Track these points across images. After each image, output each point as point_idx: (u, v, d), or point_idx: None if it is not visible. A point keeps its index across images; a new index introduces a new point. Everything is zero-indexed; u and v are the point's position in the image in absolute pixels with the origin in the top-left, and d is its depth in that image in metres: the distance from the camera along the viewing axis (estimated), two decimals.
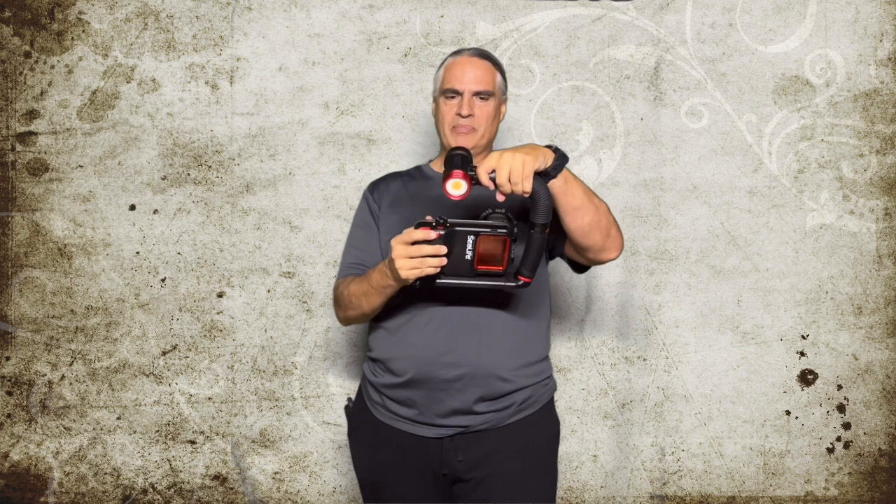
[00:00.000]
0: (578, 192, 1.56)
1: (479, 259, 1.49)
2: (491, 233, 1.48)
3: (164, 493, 2.38)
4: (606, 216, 1.63)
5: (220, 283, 2.37)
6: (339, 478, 2.39)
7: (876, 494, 2.40)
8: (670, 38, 2.36)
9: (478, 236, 1.47)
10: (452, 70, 1.78)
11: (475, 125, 1.76)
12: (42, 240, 2.35)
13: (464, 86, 1.76)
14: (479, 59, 1.79)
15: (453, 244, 1.48)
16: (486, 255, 1.49)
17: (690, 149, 2.37)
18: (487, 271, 1.50)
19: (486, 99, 1.77)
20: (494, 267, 1.50)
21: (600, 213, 1.61)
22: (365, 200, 1.86)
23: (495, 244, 1.48)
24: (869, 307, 2.37)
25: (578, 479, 2.39)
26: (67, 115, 2.34)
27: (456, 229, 1.47)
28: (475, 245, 1.48)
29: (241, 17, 2.35)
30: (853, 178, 2.37)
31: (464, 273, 1.50)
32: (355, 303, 1.71)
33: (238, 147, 2.36)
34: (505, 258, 1.49)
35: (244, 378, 2.37)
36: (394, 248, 1.51)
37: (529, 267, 1.50)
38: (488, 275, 1.51)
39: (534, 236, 1.48)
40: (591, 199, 1.59)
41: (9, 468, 2.37)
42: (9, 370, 2.35)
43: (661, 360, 2.38)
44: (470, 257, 1.48)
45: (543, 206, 1.46)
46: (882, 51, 2.35)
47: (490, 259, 1.49)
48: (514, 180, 1.44)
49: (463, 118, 1.75)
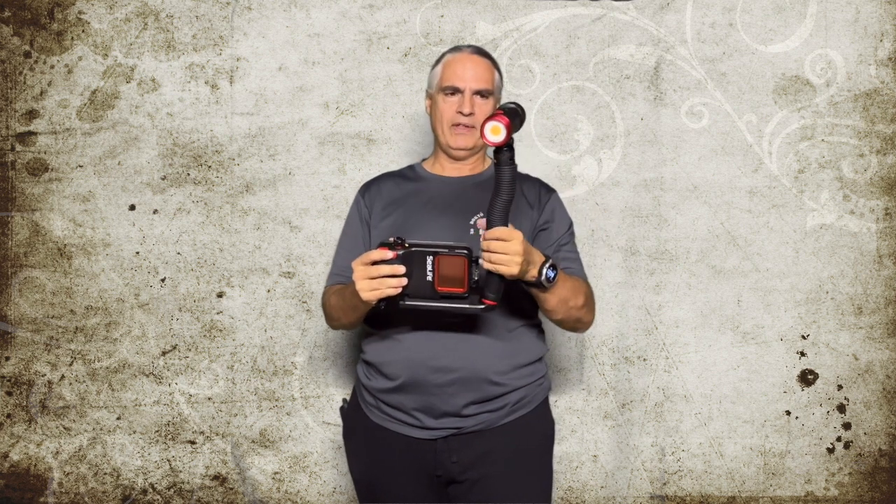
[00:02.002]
0: (553, 301, 1.61)
1: (439, 280, 1.49)
2: (449, 253, 1.48)
3: (164, 494, 2.38)
4: (578, 312, 1.68)
5: (220, 283, 2.37)
6: (339, 478, 2.39)
7: (876, 495, 2.40)
8: (670, 38, 2.36)
9: (435, 256, 1.48)
10: (452, 67, 1.76)
11: (475, 123, 1.75)
12: (42, 240, 2.35)
13: (465, 83, 1.74)
14: (480, 56, 1.78)
15: (413, 265, 1.48)
16: (446, 276, 1.49)
17: (690, 149, 2.37)
18: (450, 293, 1.49)
19: (486, 97, 1.76)
20: (456, 289, 1.49)
21: (571, 313, 1.66)
22: (356, 204, 1.85)
23: (454, 265, 1.48)
24: (869, 307, 2.37)
25: (578, 480, 2.39)
26: (67, 114, 2.34)
27: (413, 250, 1.48)
28: (434, 266, 1.48)
29: (241, 16, 2.35)
30: (853, 178, 2.37)
31: (426, 295, 1.50)
32: (335, 315, 1.76)
33: (238, 147, 2.36)
34: (465, 280, 1.48)
35: (244, 378, 2.37)
36: (354, 270, 1.53)
37: (493, 289, 1.49)
38: (451, 297, 1.50)
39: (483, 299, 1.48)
40: (567, 303, 1.63)
41: (8, 468, 2.37)
42: (8, 370, 2.35)
43: (661, 360, 2.38)
44: (430, 278, 1.49)
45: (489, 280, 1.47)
46: (882, 51, 2.35)
47: (451, 280, 1.49)
48: (497, 261, 1.46)
49: (464, 116, 1.74)
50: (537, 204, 1.78)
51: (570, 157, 2.37)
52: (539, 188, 1.82)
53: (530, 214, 1.75)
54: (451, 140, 1.77)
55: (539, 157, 2.35)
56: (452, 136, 1.76)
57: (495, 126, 1.45)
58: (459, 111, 1.74)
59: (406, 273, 1.49)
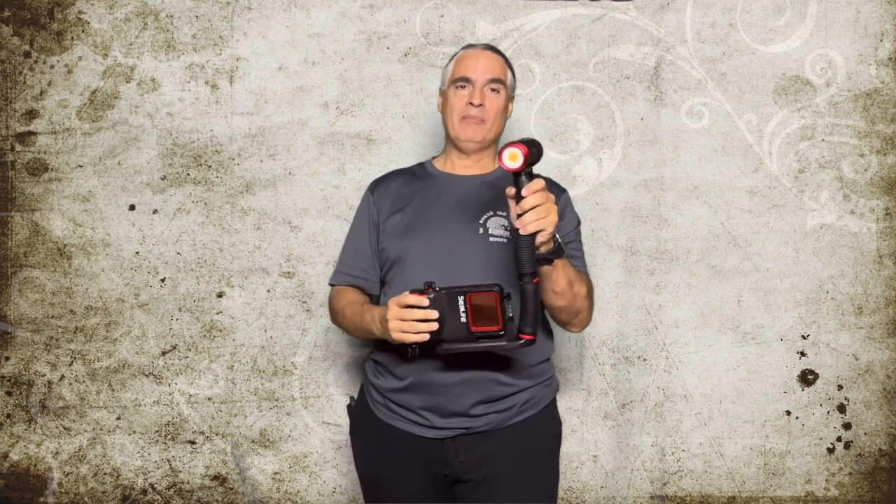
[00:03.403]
0: (562, 281, 1.59)
1: (473, 319, 1.48)
2: (479, 290, 1.47)
3: (164, 494, 2.38)
4: (582, 301, 1.66)
5: (220, 283, 2.37)
6: (339, 478, 2.38)
7: (876, 495, 2.40)
8: (670, 38, 2.35)
9: (467, 295, 1.47)
10: (465, 60, 1.77)
11: (485, 116, 1.74)
12: (42, 240, 2.35)
13: (476, 75, 1.74)
14: (492, 52, 1.80)
15: (446, 308, 1.48)
16: (479, 314, 1.47)
17: (691, 149, 2.36)
18: (485, 332, 1.48)
19: (497, 91, 1.75)
20: (491, 327, 1.47)
21: (576, 301, 1.64)
22: (365, 201, 1.84)
23: (486, 301, 1.47)
24: (869, 307, 2.37)
25: (578, 480, 2.39)
26: (67, 114, 2.34)
27: (445, 292, 1.48)
28: (466, 304, 1.47)
29: (241, 16, 2.35)
30: (854, 178, 2.37)
31: (463, 337, 1.49)
32: (346, 327, 1.77)
33: (238, 147, 2.36)
34: (499, 316, 1.47)
35: (244, 378, 2.37)
36: (389, 309, 1.53)
37: (529, 322, 1.46)
38: (487, 336, 1.48)
39: (524, 288, 1.45)
40: (573, 286, 1.62)
41: (8, 468, 2.37)
42: (8, 370, 2.35)
43: (661, 360, 2.38)
44: (465, 319, 1.48)
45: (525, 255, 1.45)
46: (882, 50, 2.35)
47: (485, 318, 1.47)
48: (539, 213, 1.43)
49: (475, 107, 1.73)
50: None
51: (570, 157, 2.37)
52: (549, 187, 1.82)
53: None
54: (460, 132, 1.76)
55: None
56: (462, 127, 1.75)
57: (513, 153, 1.44)
58: (470, 102, 1.73)
59: (440, 318, 1.48)
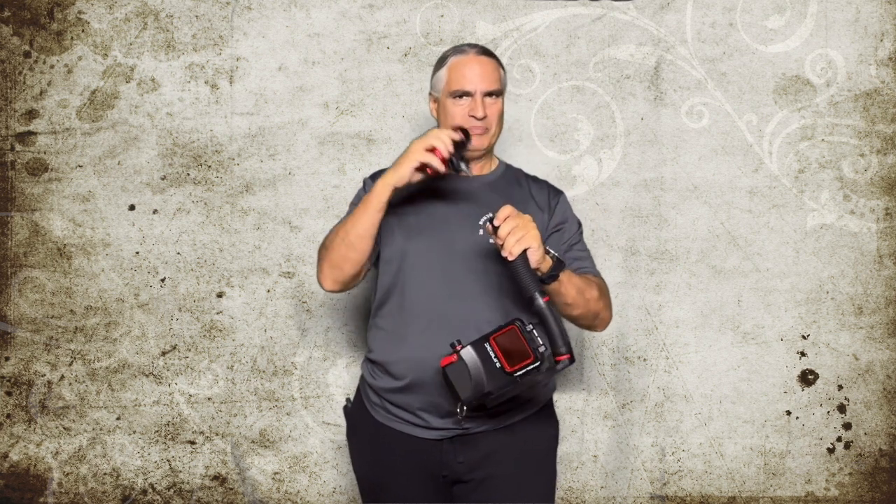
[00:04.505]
0: (571, 293, 1.59)
1: (506, 360, 1.45)
2: (500, 330, 1.46)
3: (164, 494, 2.38)
4: (596, 304, 1.66)
5: (220, 283, 2.36)
6: (338, 478, 2.38)
7: (876, 495, 2.39)
8: (670, 38, 2.35)
9: (490, 339, 1.46)
10: (460, 70, 1.73)
11: (488, 125, 1.74)
12: (41, 240, 2.34)
13: (475, 86, 1.71)
14: (485, 57, 1.75)
15: (480, 361, 1.45)
16: (510, 354, 1.45)
17: (691, 149, 2.36)
18: (523, 369, 1.45)
19: (495, 98, 1.75)
20: (525, 361, 1.45)
21: (590, 306, 1.64)
22: (365, 189, 1.81)
23: (511, 339, 1.45)
24: (869, 307, 2.37)
25: (578, 480, 2.39)
26: (67, 114, 2.34)
27: (471, 346, 1.46)
28: (495, 349, 1.45)
29: (241, 16, 2.35)
30: (854, 178, 2.37)
31: (505, 383, 1.46)
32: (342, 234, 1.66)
33: (238, 147, 2.35)
34: (528, 347, 1.45)
35: (244, 378, 2.37)
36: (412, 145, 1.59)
37: (559, 342, 1.43)
38: (527, 372, 1.45)
39: (539, 311, 1.43)
40: (583, 293, 1.61)
41: (8, 468, 2.37)
42: (8, 370, 2.35)
43: (661, 360, 2.38)
44: (499, 365, 1.45)
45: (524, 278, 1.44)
46: (883, 50, 2.35)
47: (517, 356, 1.45)
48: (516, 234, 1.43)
49: (479, 120, 1.72)
50: (547, 207, 1.78)
51: (570, 157, 2.37)
52: (548, 190, 1.82)
53: (541, 217, 1.75)
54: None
55: (539, 157, 2.34)
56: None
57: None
58: (472, 115, 1.71)
59: (477, 371, 1.45)
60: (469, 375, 1.45)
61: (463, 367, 1.45)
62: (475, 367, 1.45)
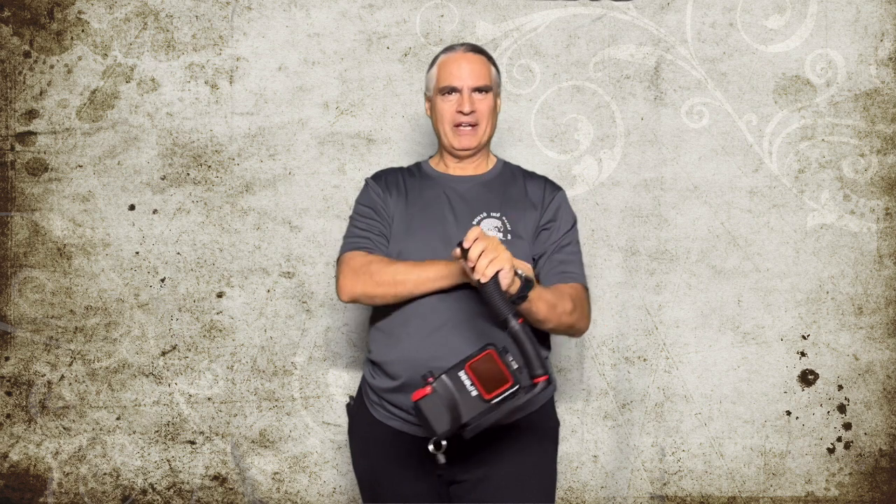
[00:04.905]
0: (542, 310, 1.57)
1: (483, 388, 1.39)
2: (475, 356, 1.40)
3: (164, 494, 2.38)
4: (569, 317, 1.65)
5: (220, 283, 2.36)
6: (338, 478, 2.38)
7: (877, 495, 2.39)
8: (670, 38, 2.35)
9: (463, 366, 1.40)
10: (448, 67, 1.75)
11: (477, 120, 1.74)
12: (41, 240, 2.34)
13: (462, 82, 1.73)
14: (474, 53, 1.77)
15: (455, 390, 1.39)
16: (487, 381, 1.40)
17: (691, 149, 2.36)
18: (501, 394, 1.39)
19: (484, 93, 1.75)
20: (504, 387, 1.39)
21: (562, 319, 1.63)
22: (371, 189, 1.81)
23: (487, 364, 1.40)
24: (870, 307, 2.37)
25: (579, 480, 2.39)
26: (67, 114, 2.33)
27: (445, 375, 1.39)
28: (470, 377, 1.39)
29: (241, 16, 2.35)
30: (854, 178, 2.37)
31: (483, 411, 1.40)
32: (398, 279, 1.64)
33: (238, 147, 2.35)
34: (505, 371, 1.39)
35: (244, 378, 2.37)
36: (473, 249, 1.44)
37: (535, 365, 1.39)
38: (504, 398, 1.40)
39: (514, 334, 1.39)
40: (555, 308, 1.60)
41: (8, 468, 2.37)
42: (8, 370, 2.35)
43: (661, 360, 2.38)
44: (476, 392, 1.39)
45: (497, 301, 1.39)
46: (883, 50, 2.35)
47: (494, 381, 1.40)
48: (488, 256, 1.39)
49: (465, 115, 1.73)
50: (541, 204, 1.77)
51: (570, 157, 2.37)
52: (544, 187, 1.81)
53: (533, 215, 1.75)
54: (454, 141, 1.76)
55: (539, 157, 2.34)
56: (455, 136, 1.75)
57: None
58: (459, 111, 1.73)
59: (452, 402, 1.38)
60: (445, 407, 1.38)
61: (437, 399, 1.38)
62: (450, 398, 1.38)
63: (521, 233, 1.72)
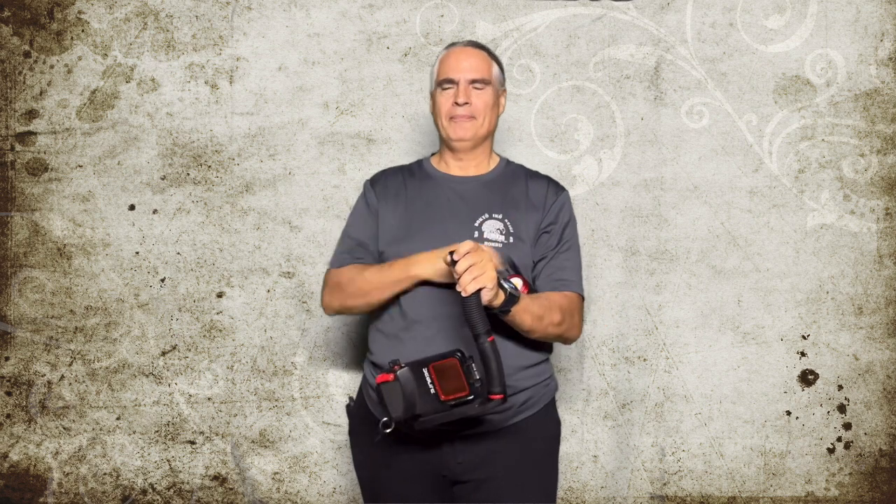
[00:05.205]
0: (527, 321, 1.59)
1: (441, 389, 1.47)
2: (441, 358, 1.47)
3: (164, 494, 2.38)
4: (556, 329, 1.66)
5: (220, 283, 2.36)
6: (338, 478, 2.38)
7: (877, 495, 2.39)
8: (671, 38, 2.35)
9: (429, 366, 1.47)
10: (447, 61, 1.77)
11: (473, 113, 1.74)
12: (41, 240, 2.34)
13: (459, 74, 1.74)
14: (473, 48, 1.78)
15: (415, 383, 1.48)
16: (446, 383, 1.47)
17: (691, 149, 2.36)
18: (457, 400, 1.47)
19: (482, 87, 1.75)
20: (460, 393, 1.47)
21: (548, 331, 1.65)
22: (365, 195, 1.84)
23: (449, 369, 1.47)
24: (870, 307, 2.37)
25: (578, 480, 2.39)
26: (67, 114, 2.33)
27: (409, 367, 1.48)
28: (432, 376, 1.47)
29: (241, 16, 2.35)
30: (854, 178, 2.37)
31: (436, 409, 1.48)
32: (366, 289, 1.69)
33: (238, 147, 2.35)
34: (464, 380, 1.46)
35: (244, 378, 2.37)
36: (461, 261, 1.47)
37: (495, 383, 1.45)
38: (460, 403, 1.48)
39: (482, 349, 1.44)
40: (542, 320, 1.62)
41: (8, 468, 2.37)
42: (8, 370, 2.35)
43: (661, 360, 2.38)
44: (434, 391, 1.47)
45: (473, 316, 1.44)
46: (883, 50, 2.35)
47: (452, 386, 1.47)
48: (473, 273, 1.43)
49: (460, 106, 1.73)
50: (542, 206, 1.76)
51: (570, 157, 2.37)
52: (547, 188, 1.80)
53: (534, 216, 1.74)
54: (450, 132, 1.76)
55: (539, 157, 2.34)
56: (451, 127, 1.75)
57: None
58: (455, 102, 1.73)
59: (411, 393, 1.47)
60: (402, 396, 1.47)
61: (397, 387, 1.47)
62: (410, 389, 1.47)
63: (522, 235, 1.72)
